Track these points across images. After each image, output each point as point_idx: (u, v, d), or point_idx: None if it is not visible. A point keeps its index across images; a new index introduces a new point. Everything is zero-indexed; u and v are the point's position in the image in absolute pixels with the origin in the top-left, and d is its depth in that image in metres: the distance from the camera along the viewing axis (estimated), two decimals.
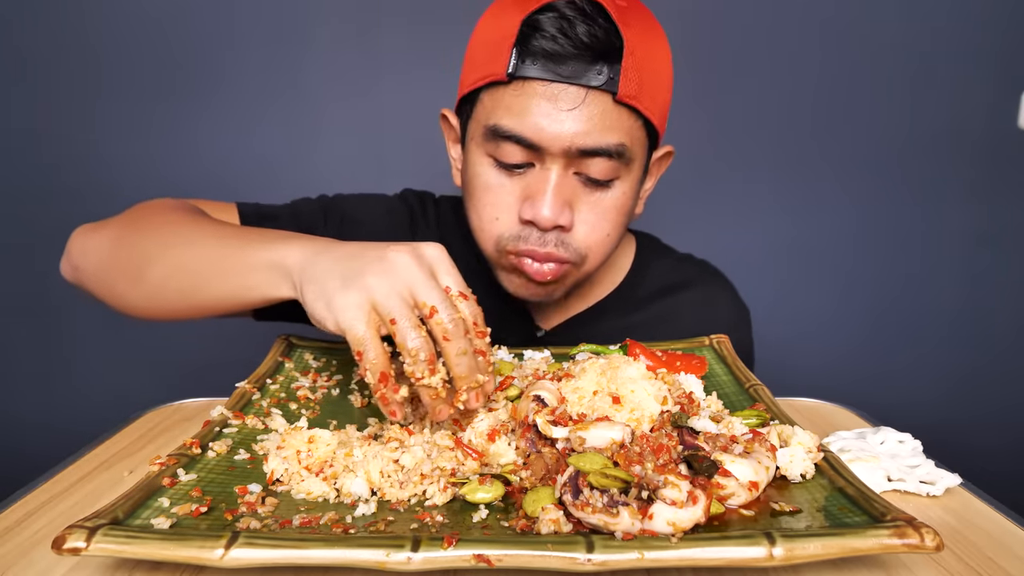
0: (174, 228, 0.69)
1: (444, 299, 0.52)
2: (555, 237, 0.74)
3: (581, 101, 0.68)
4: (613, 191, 0.74)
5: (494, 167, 0.74)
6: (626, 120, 0.70)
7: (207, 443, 0.54)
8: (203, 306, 0.66)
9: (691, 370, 0.70)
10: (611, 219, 0.75)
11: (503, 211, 0.74)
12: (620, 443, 0.48)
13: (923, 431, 0.65)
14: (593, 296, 0.91)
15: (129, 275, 0.69)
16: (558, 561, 0.39)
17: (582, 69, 0.67)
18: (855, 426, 0.72)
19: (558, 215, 0.71)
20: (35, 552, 0.46)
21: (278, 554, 0.39)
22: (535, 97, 0.68)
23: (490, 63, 0.71)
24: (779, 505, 0.46)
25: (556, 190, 0.71)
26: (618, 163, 0.71)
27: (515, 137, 0.70)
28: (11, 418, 1.55)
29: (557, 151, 0.69)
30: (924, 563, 0.46)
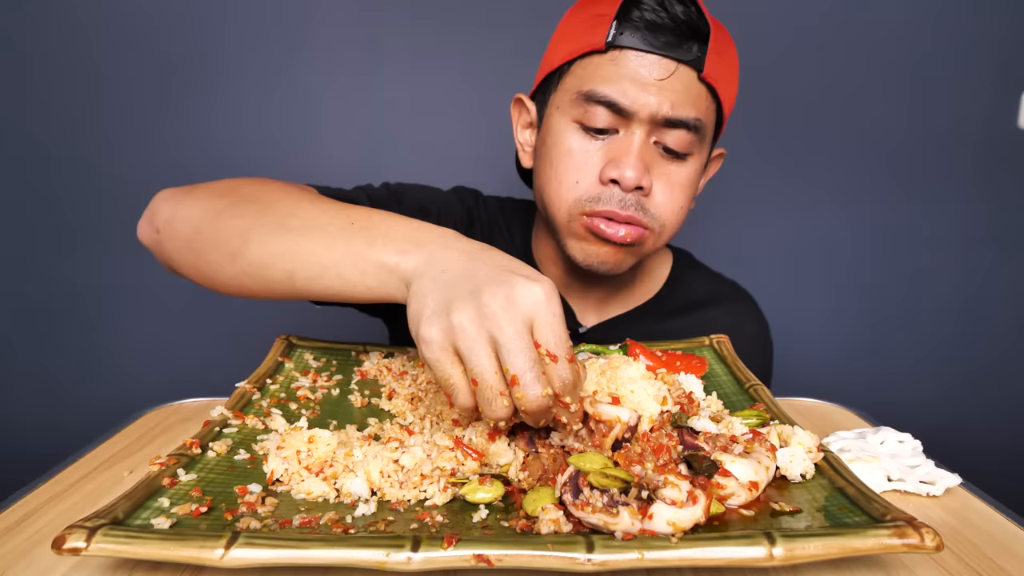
0: (286, 206, 0.64)
1: (531, 367, 0.45)
2: (635, 200, 0.76)
3: (671, 73, 0.73)
4: (687, 166, 0.78)
5: (579, 132, 0.77)
6: (705, 99, 0.76)
7: (207, 443, 0.54)
8: (304, 293, 0.61)
9: (691, 370, 0.70)
10: (685, 192, 0.79)
11: (584, 174, 0.77)
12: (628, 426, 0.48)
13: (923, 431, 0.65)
14: (632, 301, 0.94)
15: (227, 250, 0.62)
16: (558, 561, 0.39)
17: (675, 43, 0.73)
18: (855, 426, 0.72)
19: (641, 176, 0.75)
20: (35, 552, 0.46)
21: (278, 554, 0.39)
22: (629, 65, 0.73)
23: (587, 35, 0.76)
24: (779, 505, 0.47)
25: (639, 153, 0.75)
26: (694, 138, 0.76)
27: (607, 101, 0.74)
28: (11, 418, 1.55)
29: (644, 117, 0.74)
30: (924, 563, 0.46)
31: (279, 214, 0.62)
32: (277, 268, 0.60)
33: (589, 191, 0.77)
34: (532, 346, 0.46)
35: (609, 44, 0.74)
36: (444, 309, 0.47)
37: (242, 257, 0.61)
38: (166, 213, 0.67)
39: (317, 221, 0.60)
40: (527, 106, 0.87)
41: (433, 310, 0.47)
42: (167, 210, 0.67)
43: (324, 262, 0.58)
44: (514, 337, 0.45)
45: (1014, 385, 1.59)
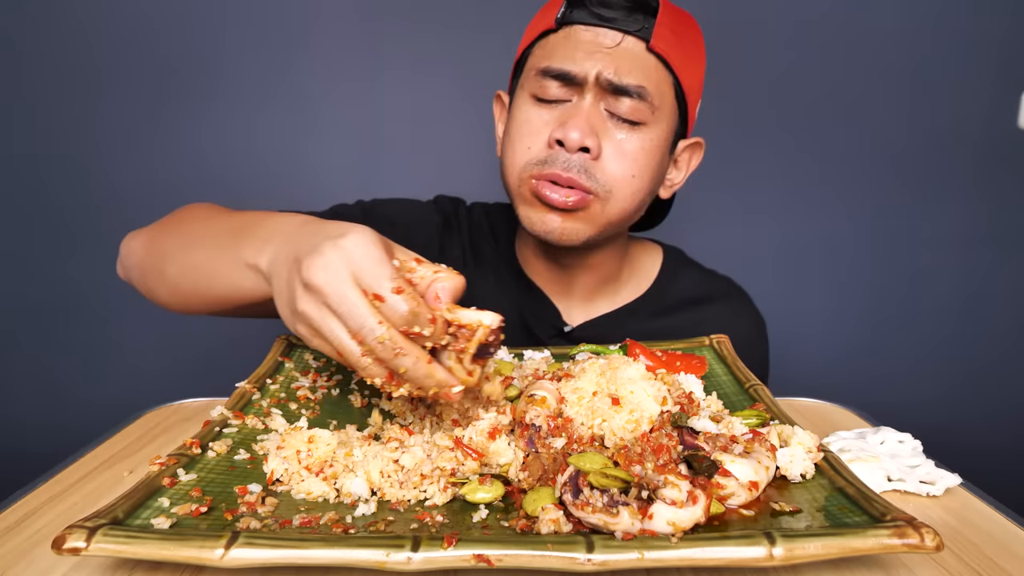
0: (188, 228, 0.74)
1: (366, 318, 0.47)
2: (580, 162, 0.77)
3: (618, 42, 0.77)
4: (640, 134, 0.79)
5: (534, 103, 0.81)
6: (655, 70, 0.78)
7: (207, 443, 0.54)
8: (214, 302, 0.69)
9: (691, 370, 0.70)
10: (637, 161, 0.79)
11: (535, 139, 0.80)
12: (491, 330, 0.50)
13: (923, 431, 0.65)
14: (620, 299, 0.94)
15: (156, 273, 0.74)
16: (558, 561, 0.39)
17: (622, 16, 0.77)
18: (855, 426, 0.72)
19: (585, 136, 0.76)
20: (35, 552, 0.46)
21: (278, 554, 0.39)
22: (579, 38, 0.78)
23: (543, 19, 0.81)
24: (779, 505, 0.46)
25: (586, 116, 0.77)
26: (644, 106, 0.78)
27: (556, 71, 0.78)
28: (12, 418, 1.55)
29: (590, 82, 0.77)
30: (924, 563, 0.46)
31: (185, 235, 0.73)
32: (187, 282, 0.70)
33: (538, 155, 0.79)
34: (358, 300, 0.47)
35: (559, 21, 0.79)
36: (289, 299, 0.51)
37: (166, 277, 0.73)
38: (125, 250, 0.80)
39: (208, 234, 0.69)
40: (504, 100, 0.90)
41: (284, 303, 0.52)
42: (125, 248, 0.80)
43: (213, 270, 0.65)
44: (339, 302, 0.48)
45: (1014, 385, 1.59)
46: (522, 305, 0.91)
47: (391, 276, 0.48)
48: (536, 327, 0.91)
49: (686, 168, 0.90)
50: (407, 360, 0.48)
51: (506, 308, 0.90)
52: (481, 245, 0.95)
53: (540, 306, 0.92)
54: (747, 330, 0.94)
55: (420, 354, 0.49)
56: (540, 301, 0.91)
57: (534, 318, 0.91)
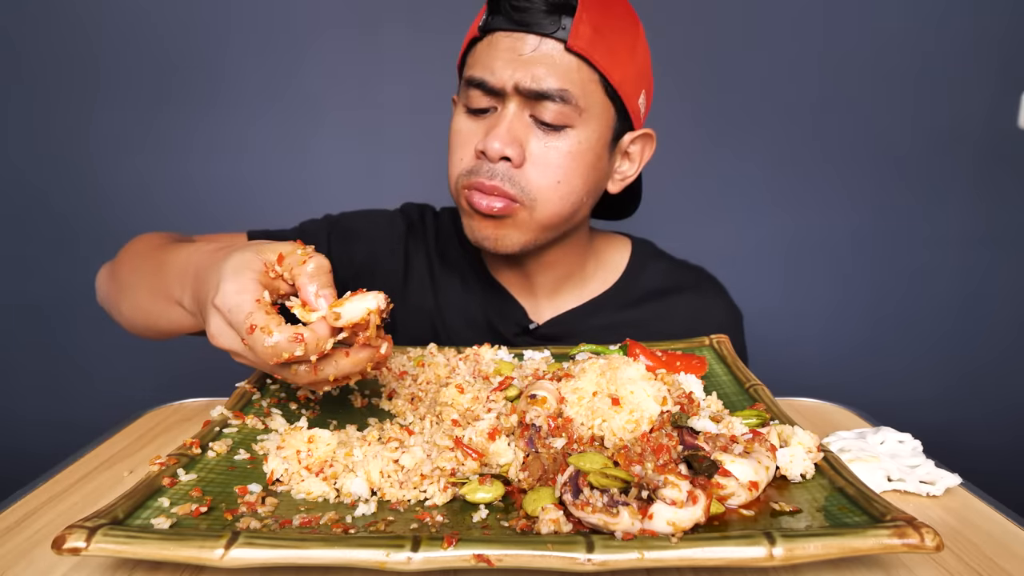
0: (132, 266, 0.80)
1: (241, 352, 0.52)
2: (504, 171, 0.78)
3: (535, 47, 0.76)
4: (566, 138, 0.79)
5: (465, 114, 0.82)
6: (577, 72, 0.77)
7: (207, 443, 0.54)
8: (166, 334, 0.77)
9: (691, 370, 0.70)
10: (563, 165, 0.79)
11: (466, 150, 0.81)
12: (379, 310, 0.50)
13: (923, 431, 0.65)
14: (587, 293, 0.94)
15: (115, 309, 0.83)
16: (558, 561, 0.39)
17: (539, 19, 0.76)
18: (855, 426, 0.72)
19: (505, 146, 0.77)
20: (35, 552, 0.46)
21: (278, 554, 0.39)
22: (499, 47, 0.78)
23: (473, 28, 0.82)
24: (779, 505, 0.46)
25: (508, 126, 0.78)
26: (567, 109, 0.77)
27: (479, 82, 0.78)
28: (12, 418, 1.55)
29: (511, 90, 0.77)
30: (924, 563, 0.46)
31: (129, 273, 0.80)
32: (138, 319, 0.78)
33: (467, 165, 0.81)
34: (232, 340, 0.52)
35: (482, 29, 0.79)
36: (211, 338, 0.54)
37: (122, 314, 0.81)
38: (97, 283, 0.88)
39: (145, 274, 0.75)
40: None
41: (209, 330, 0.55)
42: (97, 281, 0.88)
43: (156, 311, 0.72)
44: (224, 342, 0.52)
45: (1014, 385, 1.59)
46: (487, 305, 0.92)
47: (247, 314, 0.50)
48: (501, 326, 0.91)
49: (639, 160, 0.89)
50: (328, 370, 0.51)
51: (472, 309, 0.93)
52: (448, 249, 0.96)
53: (505, 305, 0.92)
54: (717, 321, 0.93)
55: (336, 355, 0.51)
56: (505, 300, 0.92)
57: (499, 317, 0.92)
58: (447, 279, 0.94)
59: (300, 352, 0.49)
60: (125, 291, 0.80)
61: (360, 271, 0.94)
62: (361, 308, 0.50)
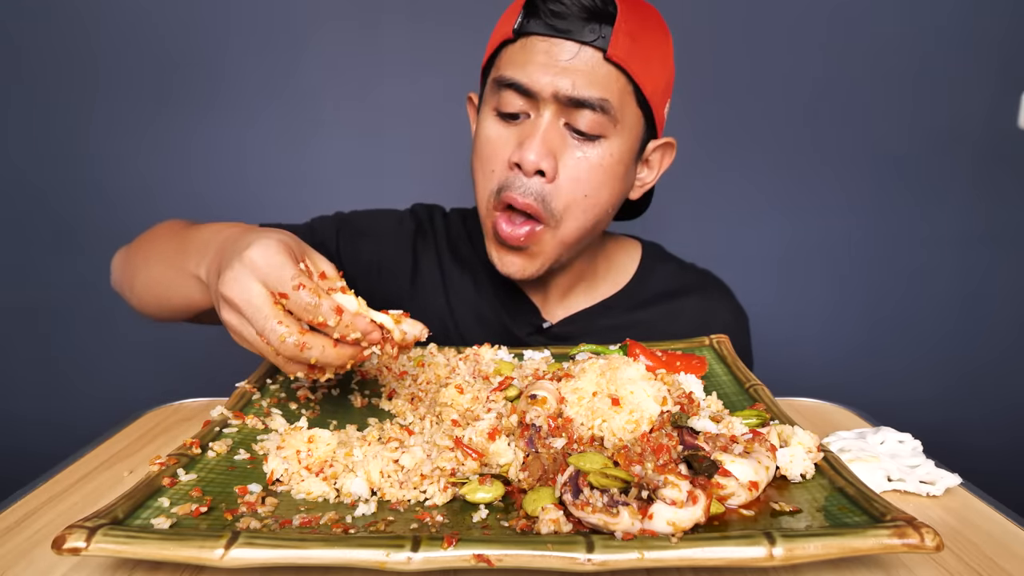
0: (150, 245, 0.81)
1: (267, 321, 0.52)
2: (537, 188, 0.77)
3: (574, 55, 0.75)
4: (599, 148, 0.78)
5: (496, 119, 0.80)
6: (615, 80, 0.76)
7: (207, 443, 0.54)
8: (176, 310, 0.78)
9: (691, 370, 0.70)
10: (594, 177, 0.78)
11: (498, 161, 0.80)
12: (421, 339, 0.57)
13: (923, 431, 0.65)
14: (598, 294, 0.95)
15: (128, 287, 0.84)
16: (558, 561, 0.39)
17: (578, 26, 0.75)
18: (855, 426, 0.72)
19: (541, 159, 0.76)
20: (35, 552, 0.46)
21: (278, 554, 0.39)
22: (535, 50, 0.76)
23: (503, 28, 0.80)
24: (779, 505, 0.46)
25: (544, 136, 0.76)
26: (604, 119, 0.76)
27: (514, 84, 0.77)
28: (12, 418, 1.55)
29: (548, 96, 0.76)
30: (924, 563, 0.46)
31: (147, 252, 0.80)
32: (150, 295, 0.79)
33: (499, 179, 0.79)
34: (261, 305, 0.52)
35: (516, 32, 0.77)
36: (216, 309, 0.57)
37: (135, 291, 0.81)
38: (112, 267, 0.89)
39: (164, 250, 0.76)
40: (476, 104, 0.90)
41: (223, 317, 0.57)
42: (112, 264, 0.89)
43: (170, 284, 0.73)
44: (246, 309, 0.53)
45: (1014, 384, 1.59)
46: (500, 305, 0.93)
47: (292, 275, 0.52)
48: (514, 326, 0.92)
49: (658, 168, 0.89)
50: (314, 351, 0.53)
51: (484, 309, 0.93)
52: (459, 248, 0.96)
53: (518, 305, 0.93)
54: (724, 322, 0.94)
55: (325, 342, 0.53)
56: (518, 300, 0.93)
57: (512, 317, 0.92)
58: (459, 279, 0.94)
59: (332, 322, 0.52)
60: (140, 268, 0.80)
61: (367, 269, 0.94)
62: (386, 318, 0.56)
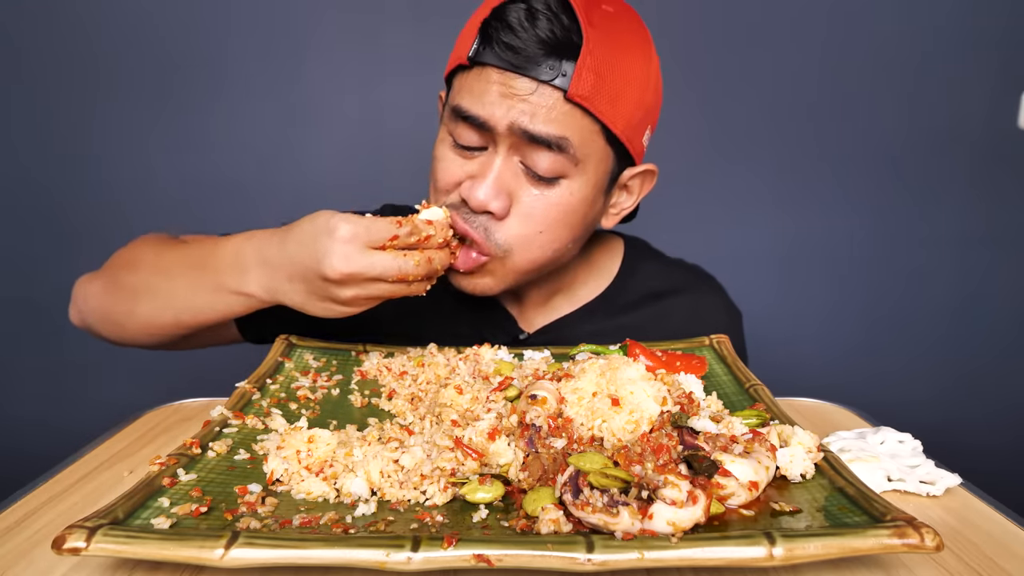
0: (151, 264, 0.79)
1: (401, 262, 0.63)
2: (484, 222, 0.73)
3: (532, 92, 0.69)
4: (558, 189, 0.73)
5: (453, 147, 0.76)
6: (577, 120, 0.70)
7: (207, 443, 0.54)
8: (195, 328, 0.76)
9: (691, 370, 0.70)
10: (550, 218, 0.74)
11: (451, 186, 0.76)
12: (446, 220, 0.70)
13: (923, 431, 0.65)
14: (578, 299, 0.91)
15: (124, 313, 0.78)
16: (558, 561, 0.39)
17: (535, 62, 0.68)
18: (855, 426, 0.72)
19: (491, 199, 0.72)
20: (35, 552, 0.46)
21: (278, 554, 0.39)
22: (491, 83, 0.70)
23: (461, 48, 0.74)
24: (779, 505, 0.46)
25: (497, 175, 0.72)
26: (563, 159, 0.71)
27: (469, 117, 0.72)
28: (11, 418, 1.54)
29: (503, 132, 0.70)
30: (924, 563, 0.46)
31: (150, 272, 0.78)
32: (165, 316, 0.76)
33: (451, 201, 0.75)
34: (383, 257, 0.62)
35: (471, 60, 0.72)
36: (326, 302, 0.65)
37: (137, 313, 0.77)
38: (80, 296, 0.82)
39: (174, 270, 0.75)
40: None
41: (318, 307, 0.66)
42: (81, 293, 0.82)
43: (193, 301, 0.73)
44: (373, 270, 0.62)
45: (1014, 384, 1.59)
46: (477, 316, 0.89)
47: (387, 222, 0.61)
48: (491, 337, 0.84)
49: (637, 193, 0.84)
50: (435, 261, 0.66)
51: (461, 321, 0.89)
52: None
53: (495, 315, 0.89)
54: (714, 320, 0.89)
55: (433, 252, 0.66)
56: (495, 310, 0.89)
57: (489, 328, 0.88)
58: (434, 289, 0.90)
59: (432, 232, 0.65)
60: (146, 291, 0.77)
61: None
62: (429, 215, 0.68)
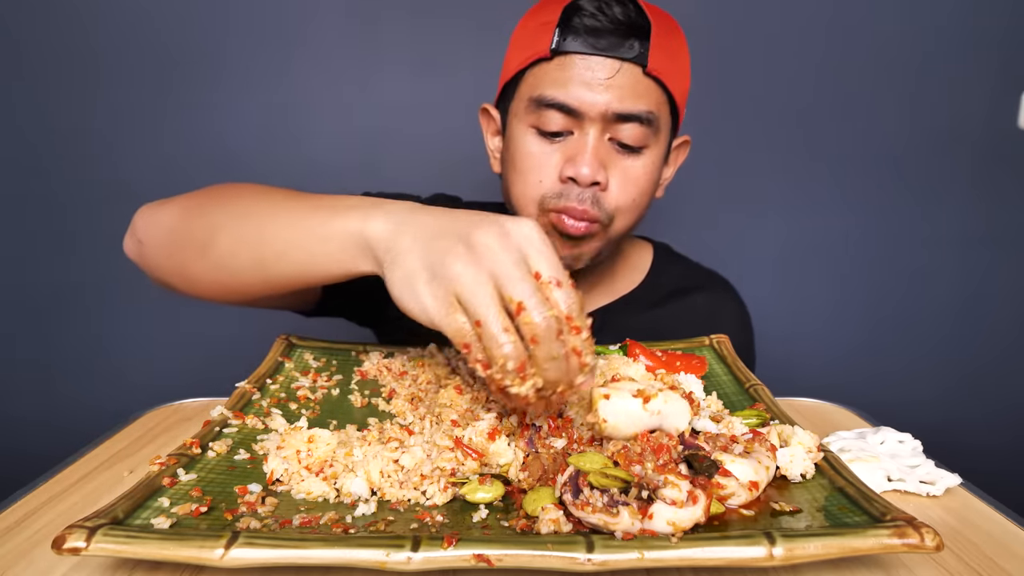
0: (248, 197, 0.67)
1: (534, 292, 0.45)
2: (591, 195, 0.80)
3: (616, 71, 0.76)
4: (643, 158, 0.82)
5: (537, 136, 0.82)
6: (654, 92, 0.79)
7: (207, 443, 0.54)
8: (276, 279, 0.63)
9: (691, 370, 0.70)
10: (640, 185, 0.83)
11: (546, 174, 0.82)
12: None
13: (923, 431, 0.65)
14: (616, 291, 0.99)
15: (197, 245, 0.66)
16: (558, 561, 0.39)
17: (617, 43, 0.76)
18: (855, 426, 0.72)
19: (596, 172, 0.79)
20: (35, 552, 0.46)
21: (278, 554, 0.39)
22: (575, 69, 0.77)
23: (534, 44, 0.80)
24: (779, 505, 0.47)
25: (594, 151, 0.79)
26: (648, 130, 0.80)
27: (558, 104, 0.78)
28: (11, 418, 1.54)
29: (595, 116, 0.78)
30: (924, 563, 0.46)
31: (244, 205, 0.65)
32: (245, 256, 0.62)
33: (552, 188, 0.81)
34: (531, 275, 0.46)
35: (554, 51, 0.78)
36: (439, 263, 0.47)
37: (212, 249, 0.64)
38: (144, 222, 0.72)
39: (281, 205, 0.62)
40: (493, 115, 0.92)
41: (429, 269, 0.47)
42: (145, 220, 0.72)
43: (289, 238, 0.59)
44: (513, 267, 0.45)
45: (1014, 384, 1.59)
46: None
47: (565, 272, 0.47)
48: None
49: (675, 164, 0.94)
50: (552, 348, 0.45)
51: None
52: None
53: None
54: (730, 316, 1.01)
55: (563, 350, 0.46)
56: None
57: None
58: None
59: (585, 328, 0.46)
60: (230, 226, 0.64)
61: None
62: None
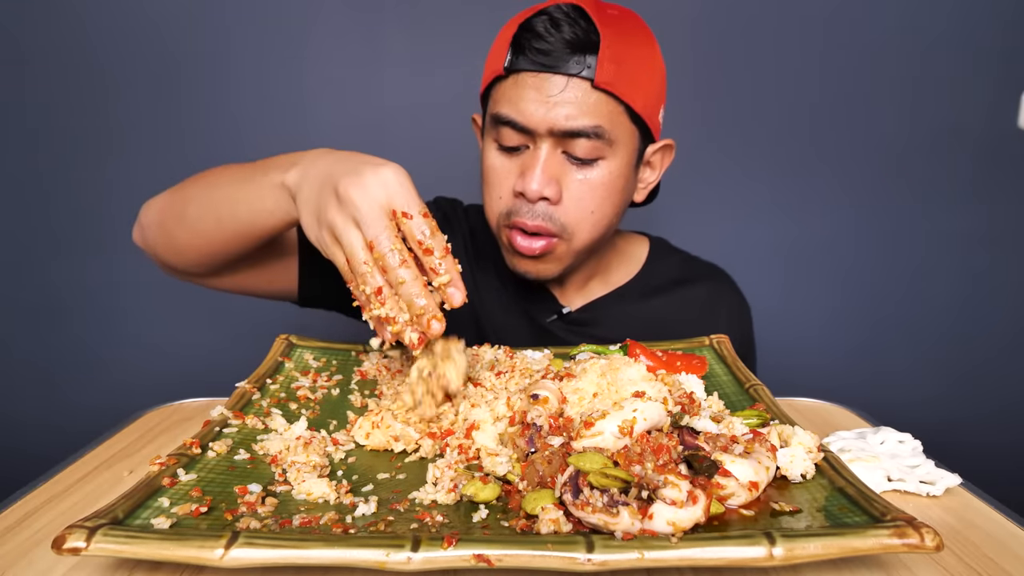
0: (214, 172, 0.79)
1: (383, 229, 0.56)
2: (543, 210, 0.82)
3: (563, 87, 0.78)
4: (598, 170, 0.82)
5: (498, 151, 0.85)
6: (605, 105, 0.80)
7: (207, 443, 0.54)
8: (232, 234, 0.74)
9: (691, 370, 0.70)
10: (597, 195, 0.83)
11: (504, 189, 0.84)
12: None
13: (923, 431, 0.65)
14: (613, 282, 1.00)
15: (176, 216, 0.79)
16: (558, 561, 0.39)
17: (564, 60, 0.78)
18: (855, 426, 0.72)
19: (543, 187, 0.80)
20: (35, 552, 0.46)
21: (278, 554, 0.39)
22: (526, 87, 0.80)
23: (494, 63, 0.84)
24: (779, 505, 0.46)
25: (543, 166, 0.81)
26: (599, 143, 0.80)
27: (510, 121, 0.81)
28: (11, 418, 1.54)
29: (544, 131, 0.80)
30: (924, 563, 0.46)
31: (209, 178, 0.78)
32: (208, 218, 0.75)
33: (507, 205, 0.84)
34: (383, 216, 0.56)
35: (507, 69, 0.81)
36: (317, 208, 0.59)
37: (186, 217, 0.77)
38: (144, 210, 0.84)
39: (235, 173, 0.74)
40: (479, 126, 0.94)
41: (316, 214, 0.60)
42: (145, 207, 0.84)
43: (237, 197, 0.71)
44: (367, 212, 0.56)
45: (1014, 384, 1.59)
46: (522, 295, 0.97)
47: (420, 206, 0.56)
48: (536, 314, 0.96)
49: (659, 168, 0.93)
50: (408, 273, 0.55)
51: (507, 298, 0.97)
52: (480, 241, 1.01)
53: (539, 295, 0.97)
54: (730, 305, 1.01)
55: (419, 276, 0.56)
56: (538, 290, 0.97)
57: (534, 306, 0.97)
58: (482, 268, 0.99)
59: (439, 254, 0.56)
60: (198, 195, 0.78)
61: None
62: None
